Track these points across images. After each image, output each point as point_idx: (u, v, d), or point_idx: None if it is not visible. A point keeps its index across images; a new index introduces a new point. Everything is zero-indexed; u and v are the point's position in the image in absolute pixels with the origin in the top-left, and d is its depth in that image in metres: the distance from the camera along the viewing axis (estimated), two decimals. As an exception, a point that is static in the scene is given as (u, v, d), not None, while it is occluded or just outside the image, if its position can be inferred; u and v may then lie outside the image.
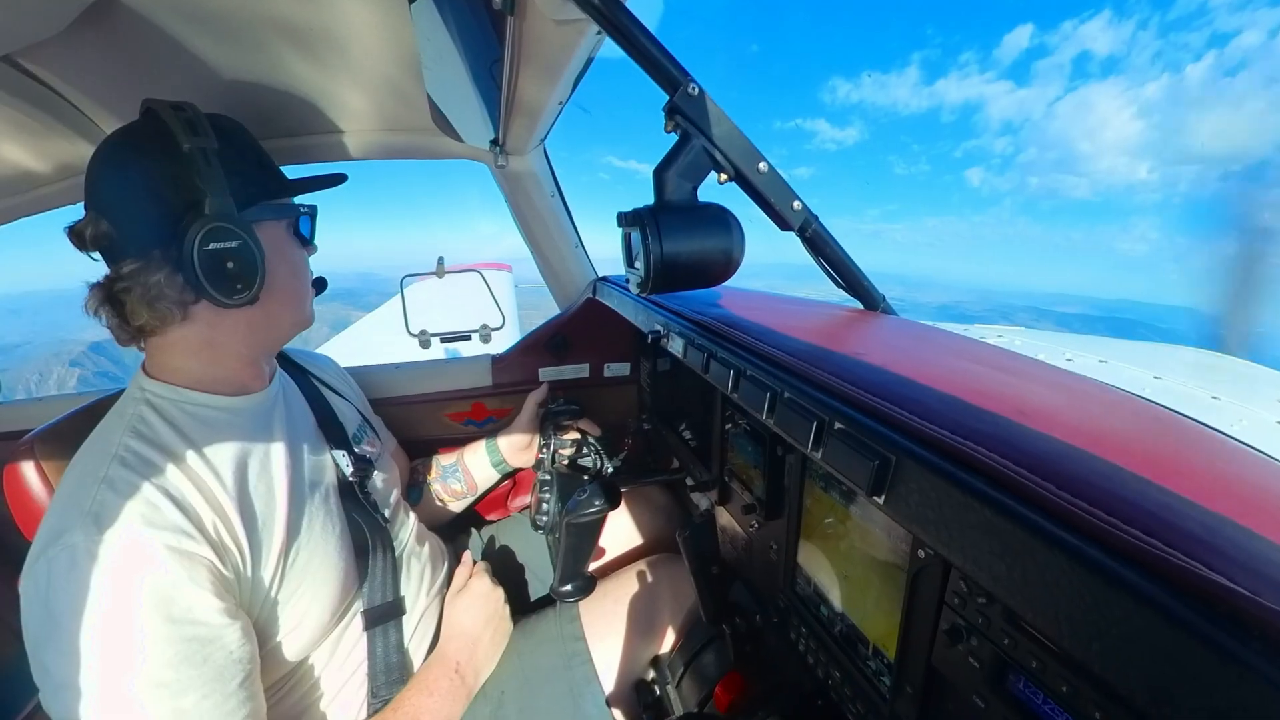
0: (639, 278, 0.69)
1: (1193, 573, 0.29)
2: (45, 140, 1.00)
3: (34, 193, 1.16)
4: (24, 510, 0.85)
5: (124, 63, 0.84)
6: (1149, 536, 0.31)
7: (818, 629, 0.79)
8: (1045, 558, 0.34)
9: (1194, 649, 0.27)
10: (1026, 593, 0.35)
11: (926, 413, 0.47)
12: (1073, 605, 0.33)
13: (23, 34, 0.71)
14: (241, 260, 0.74)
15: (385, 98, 1.06)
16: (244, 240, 0.74)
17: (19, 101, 0.87)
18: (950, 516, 0.40)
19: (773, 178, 0.73)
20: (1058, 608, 0.33)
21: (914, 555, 0.58)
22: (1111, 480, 0.36)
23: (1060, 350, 2.23)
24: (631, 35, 0.63)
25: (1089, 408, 0.54)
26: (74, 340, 43.17)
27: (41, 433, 0.89)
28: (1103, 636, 0.31)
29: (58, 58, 0.81)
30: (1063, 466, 0.38)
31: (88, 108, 0.94)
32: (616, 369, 1.62)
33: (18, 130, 0.96)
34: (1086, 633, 0.32)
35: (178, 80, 0.90)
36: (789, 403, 0.59)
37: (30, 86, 0.85)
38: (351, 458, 0.96)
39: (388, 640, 0.91)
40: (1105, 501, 0.34)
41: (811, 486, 0.79)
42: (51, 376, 37.62)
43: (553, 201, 1.43)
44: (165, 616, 0.61)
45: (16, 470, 0.85)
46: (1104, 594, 0.31)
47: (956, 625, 0.52)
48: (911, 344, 0.76)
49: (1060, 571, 0.33)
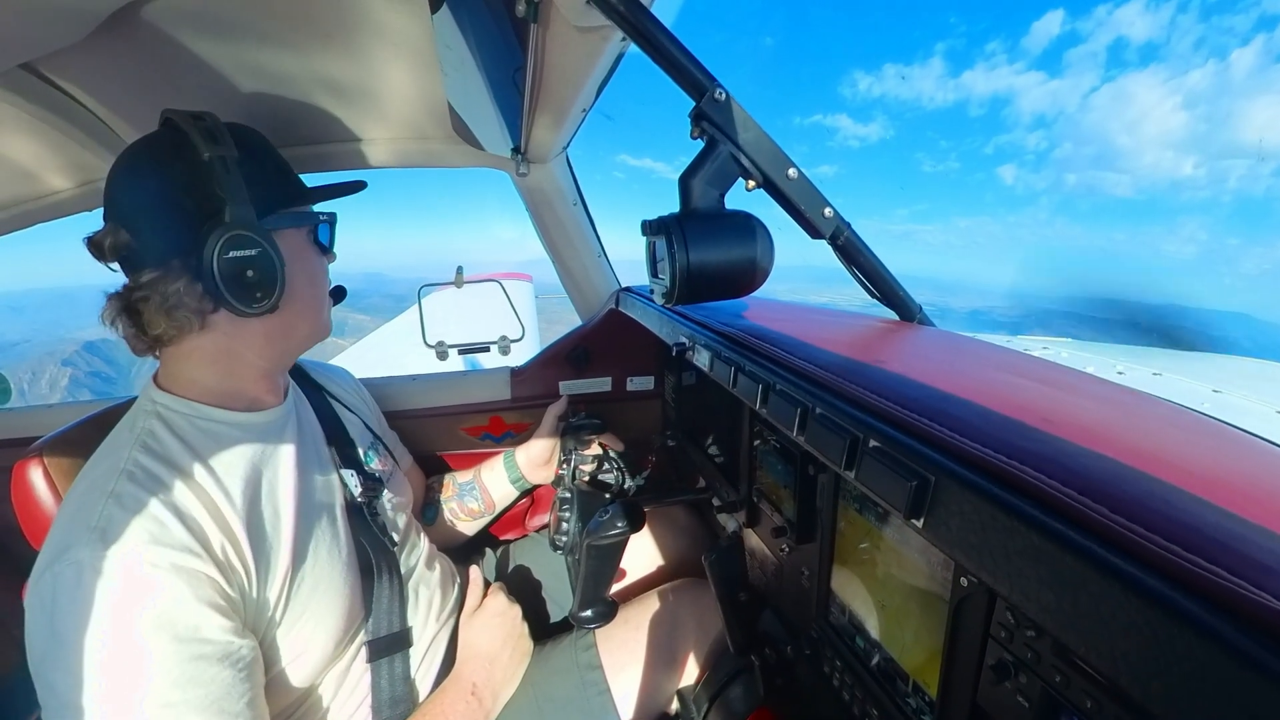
0: (664, 288, 0.70)
1: (1261, 604, 0.28)
2: (63, 147, 1.05)
3: (51, 198, 1.22)
4: (31, 518, 0.88)
5: (143, 71, 0.89)
6: (1212, 564, 0.30)
7: (853, 662, 0.77)
8: (1098, 587, 0.33)
9: (1264, 690, 0.26)
10: (1079, 625, 0.34)
11: (968, 430, 0.46)
12: (1129, 640, 0.32)
13: (44, 42, 0.75)
14: (261, 268, 0.76)
15: (405, 106, 1.09)
16: (264, 248, 0.76)
17: (38, 108, 0.91)
18: (995, 542, 0.39)
19: (803, 184, 0.73)
20: (1113, 642, 0.33)
21: (956, 583, 0.57)
22: (1169, 503, 0.35)
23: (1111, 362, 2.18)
24: (657, 41, 0.64)
25: (1143, 424, 0.53)
26: (69, 339, 44.68)
27: (50, 440, 0.91)
28: (1163, 674, 0.30)
29: (78, 66, 0.85)
30: (1116, 488, 0.37)
31: (106, 115, 0.98)
32: (640, 383, 1.63)
33: (36, 137, 1.01)
34: (1145, 670, 0.31)
35: (197, 89, 0.94)
36: (821, 419, 0.59)
37: (49, 94, 0.90)
38: (360, 477, 0.97)
39: (393, 672, 0.91)
40: (1163, 526, 0.33)
41: (846, 508, 0.78)
42: (44, 376, 38.98)
43: (575, 210, 1.45)
44: (171, 635, 0.62)
45: (25, 477, 0.88)
46: (1163, 627, 0.30)
47: (1003, 660, 0.51)
48: (951, 357, 0.75)
49: (1115, 602, 0.32)
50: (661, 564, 1.35)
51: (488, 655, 0.97)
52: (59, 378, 38.86)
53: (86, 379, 39.24)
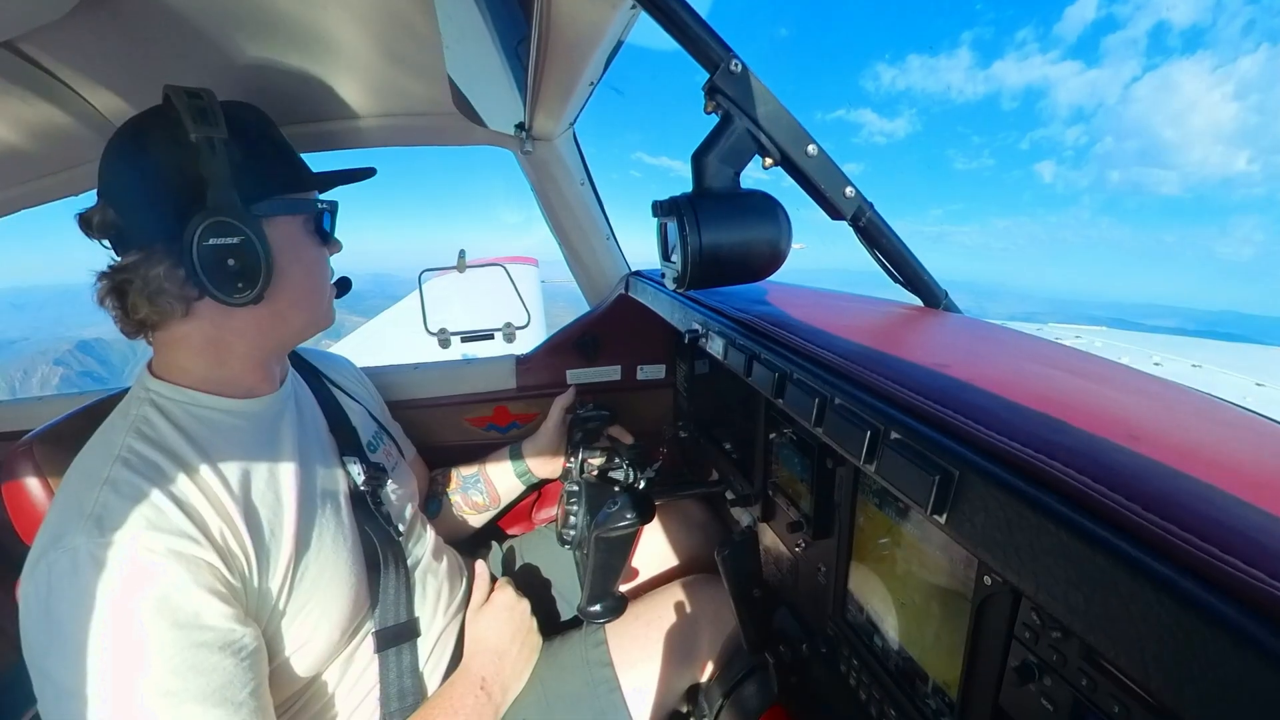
0: (676, 272, 0.70)
1: (1303, 609, 0.27)
2: (46, 129, 1.03)
3: (36, 183, 1.21)
4: (22, 514, 0.89)
5: (130, 48, 0.88)
6: (1250, 567, 0.30)
7: (871, 662, 0.78)
8: (1129, 588, 0.33)
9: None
10: (1108, 628, 0.34)
11: (994, 422, 0.46)
12: (1161, 644, 0.31)
13: (25, 18, 0.74)
14: (244, 257, 0.75)
15: (405, 81, 1.09)
16: (247, 236, 0.75)
17: (19, 89, 0.90)
18: (1021, 539, 0.39)
19: (823, 162, 0.73)
20: (1144, 646, 0.32)
21: (979, 582, 0.57)
22: (1207, 501, 0.35)
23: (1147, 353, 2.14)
24: (668, 8, 0.63)
25: (1180, 418, 0.52)
26: (63, 338, 45.59)
27: (41, 433, 0.92)
28: (1196, 681, 0.30)
29: (61, 43, 0.84)
30: (1150, 484, 0.36)
31: (91, 95, 0.97)
32: (651, 372, 1.63)
33: (18, 119, 0.99)
34: (1177, 676, 0.31)
35: (186, 66, 0.94)
36: (840, 410, 0.59)
37: (31, 73, 0.89)
38: (364, 466, 0.98)
39: (401, 663, 0.93)
40: (1199, 525, 0.32)
41: (864, 503, 0.78)
42: (35, 375, 39.77)
43: (583, 190, 1.45)
44: (171, 622, 0.63)
45: (15, 472, 0.88)
46: (1198, 632, 0.30)
47: (1028, 662, 0.51)
48: (977, 345, 0.74)
49: (1147, 604, 0.32)
50: (673, 559, 1.36)
51: (496, 650, 0.99)
52: (50, 376, 39.65)
53: (78, 378, 39.98)
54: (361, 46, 0.96)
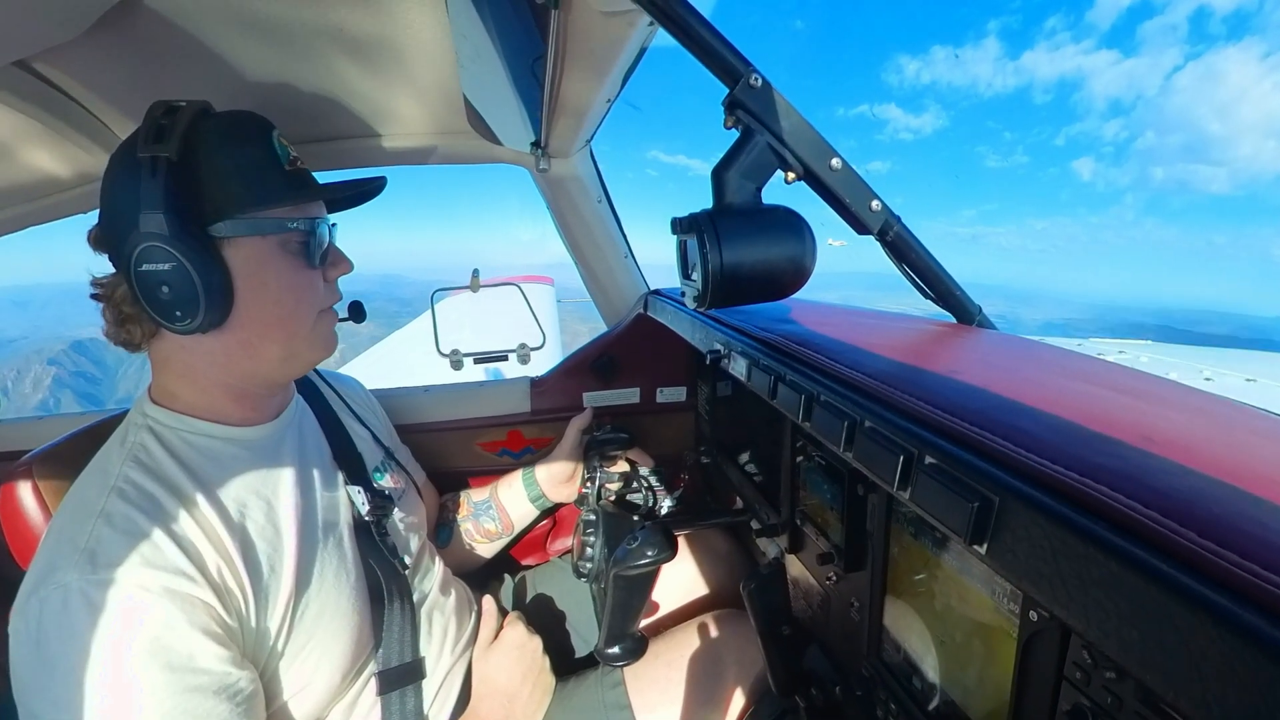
0: (696, 291, 0.70)
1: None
2: (59, 146, 1.08)
3: (47, 200, 1.26)
4: (19, 536, 0.90)
5: (143, 67, 0.92)
6: (1319, 598, 0.29)
7: (910, 705, 0.76)
8: (1188, 622, 0.32)
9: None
10: (1165, 666, 0.33)
11: (1036, 444, 0.45)
12: (1224, 684, 0.31)
13: (40, 38, 0.78)
14: (176, 285, 0.72)
15: (417, 100, 1.13)
16: (178, 263, 0.71)
17: (33, 107, 0.94)
18: (1067, 570, 0.39)
19: (847, 175, 0.73)
20: (1205, 687, 0.31)
21: (1025, 618, 0.55)
22: (1268, 527, 0.34)
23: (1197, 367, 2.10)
24: (687, 24, 0.65)
25: (1235, 437, 0.51)
26: (59, 338, 46.80)
27: (40, 454, 0.93)
28: (1264, 724, 0.29)
29: (74, 62, 0.88)
30: (1205, 509, 0.36)
31: (103, 113, 1.02)
32: (671, 394, 1.63)
33: (31, 136, 1.04)
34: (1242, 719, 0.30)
35: (199, 86, 0.98)
36: (871, 433, 0.58)
37: (45, 91, 0.93)
38: (368, 494, 0.98)
39: (405, 706, 0.92)
40: (1261, 553, 0.32)
41: (899, 533, 0.77)
42: (29, 375, 40.81)
43: (599, 208, 1.47)
44: (164, 664, 0.63)
45: (13, 493, 0.89)
46: (1264, 670, 0.29)
47: (1080, 705, 0.50)
48: (1016, 363, 0.73)
49: (1207, 640, 0.31)
50: (696, 594, 1.35)
51: (506, 692, 0.98)
52: (43, 377, 40.71)
53: (70, 379, 40.98)
54: (376, 65, 1.00)
